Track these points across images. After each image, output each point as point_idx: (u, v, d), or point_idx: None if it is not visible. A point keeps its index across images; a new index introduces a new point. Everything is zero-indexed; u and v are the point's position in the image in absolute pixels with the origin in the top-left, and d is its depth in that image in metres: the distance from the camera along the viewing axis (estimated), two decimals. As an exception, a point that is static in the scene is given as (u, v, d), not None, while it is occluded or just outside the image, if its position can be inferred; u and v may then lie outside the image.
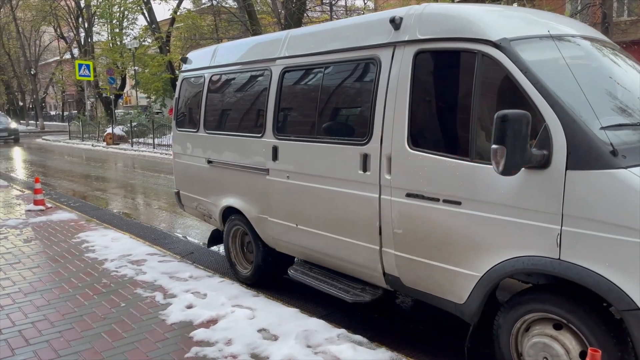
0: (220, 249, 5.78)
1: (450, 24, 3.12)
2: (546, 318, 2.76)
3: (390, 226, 3.39)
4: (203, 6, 30.07)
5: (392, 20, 3.37)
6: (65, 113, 51.22)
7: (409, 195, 3.25)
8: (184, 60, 5.81)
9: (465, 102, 3.02)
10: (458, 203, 2.99)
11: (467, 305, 3.05)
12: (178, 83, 5.94)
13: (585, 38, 3.36)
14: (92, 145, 23.78)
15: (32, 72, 41.38)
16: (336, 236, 3.83)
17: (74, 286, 4.67)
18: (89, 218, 7.71)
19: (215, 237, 5.49)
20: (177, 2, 27.01)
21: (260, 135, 4.42)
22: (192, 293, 4.36)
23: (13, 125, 28.52)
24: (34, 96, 43.88)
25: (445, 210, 3.05)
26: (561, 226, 2.58)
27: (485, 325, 3.07)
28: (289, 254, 4.51)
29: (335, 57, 3.87)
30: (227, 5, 24.49)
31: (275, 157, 4.25)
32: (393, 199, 3.35)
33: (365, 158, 3.48)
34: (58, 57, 43.71)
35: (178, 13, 26.90)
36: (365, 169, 3.49)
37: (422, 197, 3.17)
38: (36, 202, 8.33)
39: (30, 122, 45.75)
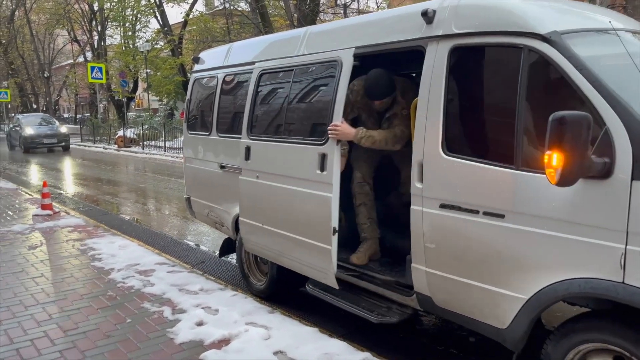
0: (232, 258, 5.49)
1: (491, 17, 2.80)
2: (605, 349, 2.42)
3: (422, 240, 3.07)
4: (216, 9, 30.00)
5: (425, 14, 3.05)
6: (79, 115, 51.42)
7: (443, 206, 2.92)
8: (196, 60, 5.54)
9: (508, 103, 2.70)
10: (501, 216, 2.66)
11: (511, 331, 2.71)
12: (190, 84, 5.67)
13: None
14: (104, 148, 23.67)
15: (45, 75, 41.55)
16: (299, 237, 3.77)
17: (78, 298, 4.39)
18: (97, 223, 7.47)
19: (227, 247, 5.19)
20: (189, 5, 26.99)
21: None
22: (202, 308, 4.06)
23: (63, 129, 24.02)
24: (47, 99, 44.07)
25: (486, 223, 2.72)
26: (626, 245, 2.24)
27: (530, 352, 2.74)
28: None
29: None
30: (239, 8, 24.32)
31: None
32: (425, 210, 3.02)
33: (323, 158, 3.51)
34: (72, 60, 43.89)
35: (190, 16, 26.84)
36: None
37: (459, 209, 2.84)
38: (43, 207, 8.10)
39: (43, 124, 45.87)
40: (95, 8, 33.55)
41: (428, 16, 3.05)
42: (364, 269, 3.80)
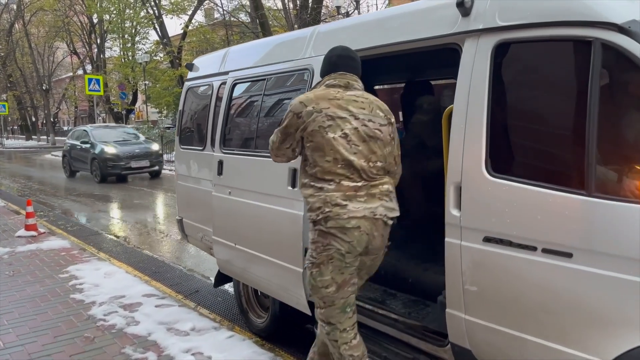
0: (230, 287, 4.89)
1: (547, 5, 2.23)
2: None
3: (460, 280, 2.48)
4: (215, 20, 29.66)
5: (461, 4, 2.49)
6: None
7: (488, 239, 2.34)
8: (189, 67, 4.99)
9: (573, 110, 2.14)
10: (567, 255, 2.08)
11: (582, 403, 2.12)
12: (182, 93, 5.12)
13: None
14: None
15: (44, 88, 41.18)
16: (271, 258, 3.51)
17: (50, 342, 3.80)
18: (84, 246, 6.88)
19: (224, 275, 4.60)
20: (188, 16, 26.64)
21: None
22: (193, 354, 3.46)
23: (154, 146, 16.56)
24: (46, 112, 43.67)
25: (547, 264, 2.14)
26: None
27: None
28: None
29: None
30: (240, 19, 23.93)
31: None
32: (464, 244, 2.44)
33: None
34: (71, 73, 43.56)
35: (190, 27, 26.48)
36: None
37: (510, 244, 2.26)
38: (27, 227, 7.52)
39: (41, 137, 45.52)
40: (95, 20, 33.28)
41: (465, 7, 2.49)
42: (382, 307, 3.21)
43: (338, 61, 2.72)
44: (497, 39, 2.36)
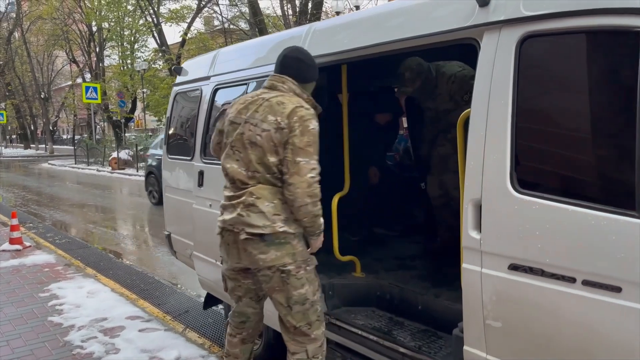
0: (221, 307, 4.52)
1: (584, -10, 1.89)
2: None
3: (480, 314, 2.12)
4: (214, 28, 29.44)
5: (478, -7, 2.16)
6: (77, 137, 50.82)
7: (515, 267, 1.98)
8: (177, 70, 4.64)
9: (620, 115, 1.79)
10: (615, 289, 1.72)
11: None
12: (170, 99, 4.78)
13: None
14: (97, 170, 22.74)
15: (42, 96, 40.95)
16: None
17: (18, 373, 3.43)
18: (70, 261, 6.51)
19: (213, 297, 4.24)
20: (187, 24, 26.39)
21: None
22: (175, 390, 3.09)
23: None
24: (44, 120, 43.42)
25: (590, 299, 1.78)
26: None
27: None
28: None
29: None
30: (239, 26, 23.68)
31: None
32: (485, 272, 2.08)
33: None
34: (71, 82, 43.35)
35: (189, 35, 26.23)
36: None
37: (542, 274, 1.90)
38: (12, 241, 7.16)
39: (40, 146, 45.24)
40: (94, 29, 33.07)
41: (483, -4, 2.15)
42: (387, 339, 2.84)
43: (279, 61, 2.62)
44: (523, 31, 2.01)
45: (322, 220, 2.50)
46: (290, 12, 18.22)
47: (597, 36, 1.85)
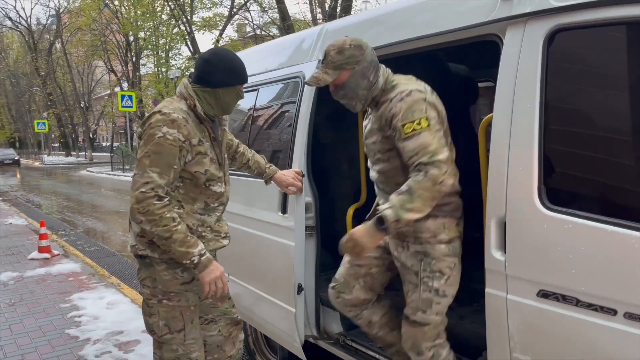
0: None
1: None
2: None
3: (506, 344, 1.87)
4: (246, 34, 29.65)
5: (499, -18, 1.92)
6: (115, 144, 52.13)
7: (545, 295, 1.73)
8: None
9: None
10: (664, 325, 1.46)
11: None
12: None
13: None
14: (132, 178, 23.09)
15: (82, 105, 42.19)
16: (264, 294, 3.15)
17: (28, 390, 3.35)
18: (95, 270, 6.50)
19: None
20: (219, 31, 26.65)
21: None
22: (183, 414, 2.93)
23: None
24: (84, 128, 44.70)
25: (634, 335, 1.52)
26: None
27: None
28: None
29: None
30: (270, 32, 23.74)
31: None
32: (511, 298, 1.84)
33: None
34: (109, 91, 44.52)
35: (221, 42, 26.48)
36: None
37: (576, 303, 1.65)
38: (40, 250, 7.21)
39: (80, 153, 46.59)
40: (130, 39, 33.86)
41: (506, -14, 1.91)
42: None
43: None
44: (552, 24, 1.77)
45: (184, 248, 2.09)
46: (320, 16, 18.11)
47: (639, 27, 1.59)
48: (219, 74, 2.20)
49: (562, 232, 1.67)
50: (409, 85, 2.11)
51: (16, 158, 39.18)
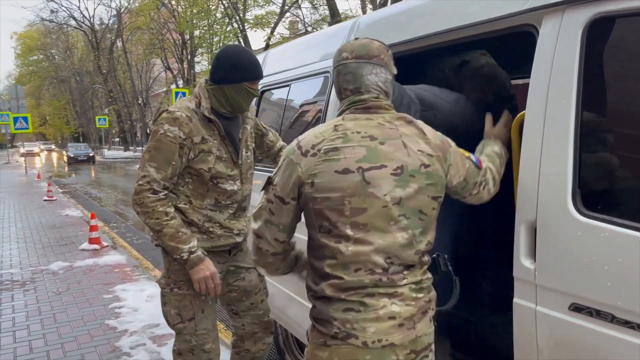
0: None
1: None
2: None
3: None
4: (297, 32, 29.82)
5: (535, -34, 1.77)
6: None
7: (577, 309, 1.58)
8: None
9: None
10: None
11: None
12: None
13: None
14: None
15: (139, 102, 43.77)
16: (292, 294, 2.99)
17: (64, 378, 3.45)
18: (139, 262, 6.69)
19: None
20: (270, 29, 26.91)
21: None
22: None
23: None
24: (141, 124, 46.40)
25: (677, 359, 1.36)
26: None
27: None
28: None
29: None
30: (320, 29, 23.73)
31: None
32: (541, 310, 1.69)
33: None
34: (165, 88, 46.01)
35: (272, 40, 26.74)
36: None
37: (612, 320, 1.49)
38: (91, 241, 7.49)
39: (137, 148, 48.38)
40: (186, 37, 34.83)
41: (542, -29, 1.76)
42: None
43: None
44: (592, 12, 1.61)
45: (173, 243, 2.17)
46: (370, 11, 17.95)
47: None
48: (222, 70, 2.24)
49: (598, 240, 1.51)
50: None
51: (91, 154, 35.96)
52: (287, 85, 3.29)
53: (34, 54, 55.05)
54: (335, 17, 15.28)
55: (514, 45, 2.37)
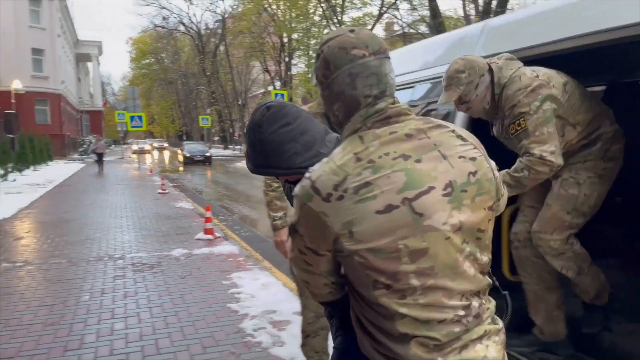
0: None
1: None
2: None
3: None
4: (395, 34, 29.75)
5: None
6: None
7: None
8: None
9: None
10: None
11: None
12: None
13: None
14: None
15: (239, 103, 45.85)
16: None
17: (199, 352, 3.81)
18: (250, 253, 7.12)
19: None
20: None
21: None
22: (331, 392, 3.12)
23: None
24: (240, 124, 48.60)
25: None
26: None
27: None
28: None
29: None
30: (419, 30, 23.54)
31: None
32: None
33: None
34: (263, 89, 47.93)
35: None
36: None
37: None
38: (206, 231, 8.08)
39: (236, 147, 50.75)
40: (285, 40, 36.04)
41: None
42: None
43: None
44: None
45: (268, 211, 2.99)
46: (473, 12, 17.53)
47: None
48: None
49: None
50: None
51: (207, 154, 31.73)
52: (412, 87, 3.41)
53: (146, 57, 59.75)
54: (436, 17, 15.10)
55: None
